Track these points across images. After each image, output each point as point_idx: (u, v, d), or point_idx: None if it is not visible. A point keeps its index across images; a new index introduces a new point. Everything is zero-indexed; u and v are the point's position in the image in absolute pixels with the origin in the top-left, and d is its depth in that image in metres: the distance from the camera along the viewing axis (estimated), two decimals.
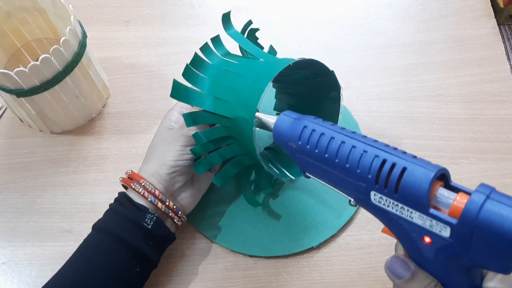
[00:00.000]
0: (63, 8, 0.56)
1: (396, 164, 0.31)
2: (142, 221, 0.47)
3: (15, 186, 0.59)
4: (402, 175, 0.31)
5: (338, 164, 0.34)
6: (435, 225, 0.31)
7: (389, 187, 0.32)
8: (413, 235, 0.32)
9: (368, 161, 0.33)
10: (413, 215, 0.31)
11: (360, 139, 0.34)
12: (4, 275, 0.54)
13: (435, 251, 0.32)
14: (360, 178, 0.33)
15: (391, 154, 0.32)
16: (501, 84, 0.65)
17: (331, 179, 0.36)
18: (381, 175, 0.32)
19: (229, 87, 0.47)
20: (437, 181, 0.31)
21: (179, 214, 0.50)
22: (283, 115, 0.40)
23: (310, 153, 0.36)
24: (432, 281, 0.33)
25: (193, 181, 0.52)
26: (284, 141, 0.39)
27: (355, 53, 0.68)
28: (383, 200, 0.33)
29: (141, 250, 0.46)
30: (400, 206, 0.32)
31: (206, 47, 0.51)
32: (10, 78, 0.51)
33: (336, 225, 0.55)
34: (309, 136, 0.36)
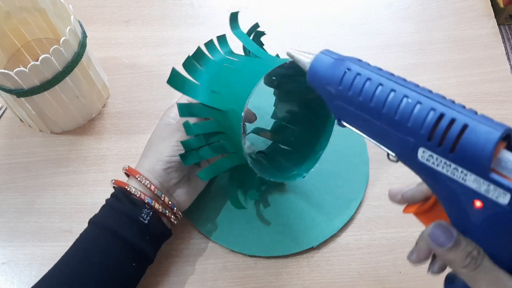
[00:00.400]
0: (63, 8, 0.56)
1: (455, 120, 0.28)
2: (138, 216, 0.47)
3: (15, 186, 0.59)
4: (462, 133, 0.28)
5: (385, 115, 0.30)
6: (493, 190, 0.28)
7: (444, 145, 0.28)
8: (461, 198, 0.29)
9: (422, 114, 0.29)
10: (467, 177, 0.28)
11: (413, 88, 0.30)
12: (4, 275, 0.54)
13: (484, 217, 0.29)
14: (410, 133, 0.30)
15: (450, 108, 0.29)
16: (501, 84, 0.65)
17: (372, 131, 0.32)
18: (436, 131, 0.28)
19: (225, 82, 0.48)
20: (501, 142, 0.28)
21: (175, 210, 0.50)
22: (322, 54, 0.34)
23: (352, 100, 0.32)
24: (474, 248, 0.31)
25: (190, 179, 0.52)
26: (321, 84, 0.34)
27: (355, 53, 0.68)
28: (433, 158, 0.29)
29: (138, 245, 0.46)
30: (453, 166, 0.28)
31: (211, 44, 0.52)
32: (10, 78, 0.51)
33: (336, 225, 0.55)
34: (353, 81, 0.32)
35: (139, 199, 0.47)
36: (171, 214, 0.49)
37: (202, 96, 0.48)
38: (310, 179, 0.57)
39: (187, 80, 0.48)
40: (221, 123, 0.47)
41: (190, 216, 0.56)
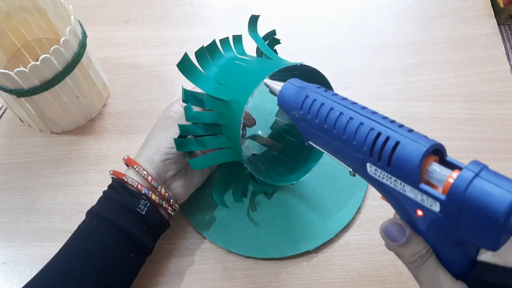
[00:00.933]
0: (63, 8, 0.56)
1: (390, 137, 0.32)
2: (136, 207, 0.47)
3: (15, 186, 0.59)
4: (395, 148, 0.31)
5: (336, 134, 0.35)
6: (426, 199, 0.31)
7: (382, 160, 0.32)
8: (406, 207, 0.33)
9: (363, 133, 0.33)
10: (405, 188, 0.32)
11: (358, 110, 0.34)
12: (4, 275, 0.54)
13: (427, 224, 0.32)
14: (356, 150, 0.34)
15: (386, 127, 0.32)
16: (501, 84, 0.65)
17: (331, 149, 0.37)
18: (375, 147, 0.32)
19: (233, 76, 0.48)
20: (430, 156, 0.31)
21: (171, 202, 0.50)
22: (288, 83, 0.39)
23: (311, 122, 0.37)
24: (424, 248, 0.34)
25: (187, 172, 0.52)
26: (288, 109, 0.39)
27: (355, 53, 0.68)
28: (378, 172, 0.33)
29: (136, 236, 0.47)
30: (394, 179, 0.32)
31: (226, 41, 0.52)
32: (10, 78, 0.51)
33: (334, 229, 0.55)
34: (310, 106, 0.36)
35: (136, 189, 0.47)
36: (167, 205, 0.50)
37: (208, 86, 0.48)
38: (310, 182, 0.57)
39: (197, 68, 0.49)
40: (221, 115, 0.47)
41: (188, 215, 0.56)
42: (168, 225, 0.51)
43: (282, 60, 0.50)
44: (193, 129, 0.48)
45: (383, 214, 0.56)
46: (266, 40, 0.53)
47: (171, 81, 0.66)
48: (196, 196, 0.55)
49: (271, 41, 0.54)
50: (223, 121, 0.48)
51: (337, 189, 0.57)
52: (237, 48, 0.53)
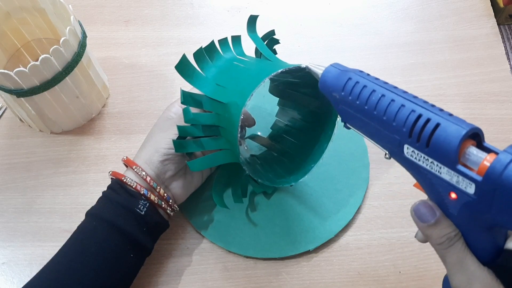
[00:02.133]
0: (63, 8, 0.56)
1: (430, 119, 0.33)
2: (135, 207, 0.47)
3: (15, 186, 0.59)
4: (435, 130, 0.32)
5: (376, 116, 0.36)
6: (461, 181, 0.31)
7: (421, 141, 0.33)
8: (440, 190, 0.34)
9: (404, 115, 0.34)
10: (441, 170, 0.32)
11: (400, 94, 0.35)
12: (4, 275, 0.54)
13: (459, 207, 0.33)
14: (395, 131, 0.35)
15: (427, 110, 0.33)
16: (501, 84, 0.65)
17: (369, 131, 0.38)
18: (414, 129, 0.33)
19: (232, 77, 0.48)
20: (468, 140, 0.32)
21: (170, 202, 0.50)
22: (330, 66, 0.40)
23: (352, 104, 0.37)
24: (453, 231, 0.34)
25: (186, 173, 0.52)
26: (329, 91, 0.40)
27: (355, 53, 0.68)
28: (415, 154, 0.34)
29: (135, 236, 0.47)
30: (430, 160, 0.33)
31: (224, 41, 0.52)
32: (10, 78, 0.51)
33: (333, 229, 0.55)
34: (352, 88, 0.37)
35: (135, 190, 0.47)
36: (166, 205, 0.50)
37: (206, 88, 0.48)
38: (309, 182, 0.57)
39: (196, 70, 0.49)
40: (220, 116, 0.47)
41: (188, 215, 0.56)
42: (167, 226, 0.51)
43: (280, 61, 0.50)
44: (191, 130, 0.48)
45: (383, 214, 0.56)
46: (265, 40, 0.53)
47: (171, 81, 0.66)
48: (196, 196, 0.55)
49: (270, 41, 0.54)
50: (222, 122, 0.48)
51: (337, 189, 0.57)
52: (236, 49, 0.53)
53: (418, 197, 0.57)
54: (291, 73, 0.48)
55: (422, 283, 0.52)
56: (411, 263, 0.53)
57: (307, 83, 0.53)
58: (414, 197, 0.59)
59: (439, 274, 0.52)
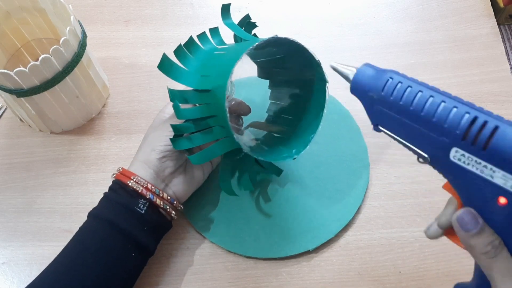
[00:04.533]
0: (63, 8, 0.56)
1: (488, 122, 0.31)
2: (135, 207, 0.47)
3: (15, 186, 0.59)
4: (494, 133, 0.31)
5: (422, 117, 0.34)
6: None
7: (477, 144, 0.32)
8: (487, 195, 0.33)
9: (458, 117, 0.32)
10: (494, 174, 0.32)
11: (448, 95, 0.34)
12: (4, 275, 0.54)
13: (507, 213, 0.32)
14: (445, 133, 0.33)
15: (481, 112, 0.32)
16: (501, 84, 0.64)
17: (408, 133, 0.36)
18: (470, 131, 0.32)
19: (214, 65, 0.49)
20: None
21: (174, 204, 0.50)
22: (365, 66, 0.39)
23: (393, 105, 0.36)
24: (496, 239, 0.33)
25: (186, 169, 0.52)
26: (364, 91, 0.38)
27: (355, 53, 0.68)
28: (464, 157, 0.33)
29: (135, 235, 0.47)
30: (483, 164, 0.32)
31: (203, 35, 0.53)
32: (10, 78, 0.51)
33: (333, 229, 0.55)
34: (394, 88, 0.36)
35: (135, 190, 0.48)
36: (171, 209, 0.50)
37: (191, 81, 0.48)
38: (310, 182, 0.57)
39: (177, 66, 0.49)
40: (209, 105, 0.48)
41: (188, 215, 0.56)
42: (170, 226, 0.51)
43: (257, 38, 0.50)
44: (186, 126, 0.48)
45: (383, 214, 0.56)
46: (242, 25, 0.53)
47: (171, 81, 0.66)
48: (196, 196, 0.55)
49: (247, 26, 0.54)
50: (212, 111, 0.48)
51: (337, 189, 0.57)
52: (215, 40, 0.53)
53: (418, 197, 0.57)
54: (271, 49, 0.48)
55: (422, 283, 0.52)
56: (411, 263, 0.53)
57: (291, 55, 0.53)
58: (414, 197, 0.59)
59: (439, 274, 0.52)
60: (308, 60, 0.50)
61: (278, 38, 0.47)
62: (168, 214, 0.50)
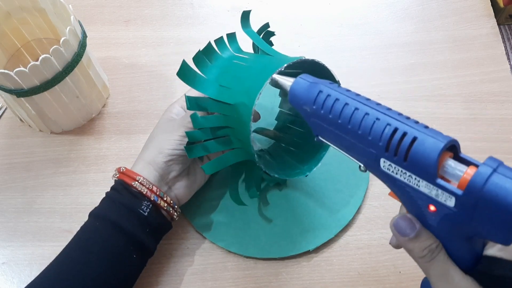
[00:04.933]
0: (63, 8, 0.56)
1: (407, 133, 0.32)
2: (138, 208, 0.47)
3: (15, 186, 0.59)
4: (413, 144, 0.32)
5: (350, 130, 0.35)
6: (441, 194, 0.31)
7: (398, 155, 0.32)
8: (419, 202, 0.33)
9: (379, 129, 0.33)
10: (420, 183, 0.32)
11: (374, 106, 0.34)
12: (4, 275, 0.54)
13: (439, 219, 0.33)
14: (371, 145, 0.34)
15: (403, 123, 0.33)
16: (501, 84, 0.65)
17: (343, 144, 0.37)
18: (391, 143, 0.33)
19: (235, 77, 0.48)
20: (446, 152, 0.32)
21: (175, 207, 0.50)
22: (299, 78, 0.39)
23: (324, 117, 0.37)
24: (434, 242, 0.34)
25: (189, 173, 0.52)
26: (299, 104, 0.39)
27: (355, 53, 0.68)
28: (391, 167, 0.33)
29: (137, 236, 0.47)
30: (408, 174, 0.32)
31: (221, 41, 0.52)
32: (10, 78, 0.51)
33: (333, 229, 0.55)
34: (324, 101, 0.36)
35: (139, 192, 0.47)
36: (173, 212, 0.50)
37: (210, 90, 0.48)
38: (309, 181, 0.57)
39: (197, 74, 0.48)
40: (228, 117, 0.47)
41: (189, 215, 0.56)
42: (170, 227, 0.51)
43: (280, 55, 0.50)
44: (200, 135, 0.48)
45: (383, 214, 0.56)
46: (260, 34, 0.53)
47: (171, 81, 0.66)
48: (196, 197, 0.55)
49: (265, 34, 0.54)
50: (230, 123, 0.48)
51: (337, 189, 0.57)
52: (232, 47, 0.53)
53: None
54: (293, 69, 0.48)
55: None
56: (411, 263, 0.53)
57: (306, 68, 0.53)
58: None
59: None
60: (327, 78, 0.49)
61: (305, 60, 0.46)
62: (170, 215, 0.50)
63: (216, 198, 0.57)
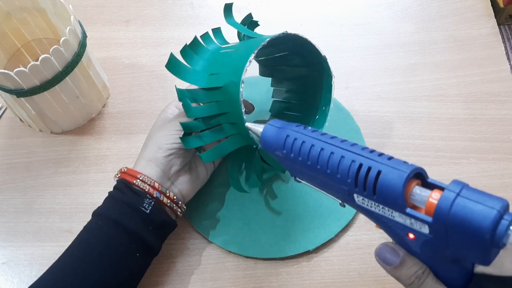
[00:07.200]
0: (63, 8, 0.56)
1: (371, 167, 0.33)
2: (140, 206, 0.47)
3: (15, 186, 0.59)
4: (378, 177, 0.32)
5: (320, 169, 0.36)
6: (415, 223, 0.32)
7: (367, 190, 0.33)
8: (398, 231, 0.34)
9: (346, 166, 0.34)
10: (394, 214, 0.33)
11: (338, 144, 0.35)
12: (4, 275, 0.54)
13: (420, 245, 0.33)
14: (341, 182, 0.35)
15: (367, 158, 0.33)
16: (501, 84, 0.65)
17: (318, 183, 0.38)
18: (359, 178, 0.33)
19: (223, 63, 0.49)
20: (412, 180, 0.32)
21: (179, 204, 0.50)
22: (268, 125, 0.41)
23: (295, 160, 0.38)
24: (420, 268, 0.34)
25: (191, 168, 0.53)
26: (271, 150, 0.40)
27: (355, 53, 0.68)
28: (365, 201, 0.34)
29: (140, 234, 0.47)
30: (381, 206, 0.33)
31: (206, 36, 0.53)
32: (10, 78, 0.51)
33: (333, 229, 0.55)
34: (292, 145, 0.38)
35: (141, 189, 0.48)
36: (177, 208, 0.50)
37: (200, 80, 0.49)
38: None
39: (185, 66, 0.49)
40: (220, 103, 0.48)
41: (189, 215, 0.56)
42: (175, 225, 0.51)
43: (264, 35, 0.50)
44: (195, 124, 0.49)
45: None
46: (244, 24, 0.54)
47: (171, 81, 0.66)
48: (196, 197, 0.55)
49: (250, 25, 0.55)
50: (223, 108, 0.48)
51: None
52: (218, 40, 0.54)
53: None
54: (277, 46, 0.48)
55: None
56: None
57: (294, 52, 0.53)
58: None
59: None
60: (313, 56, 0.50)
61: (288, 34, 0.47)
62: (174, 212, 0.50)
63: (216, 198, 0.57)
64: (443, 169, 0.58)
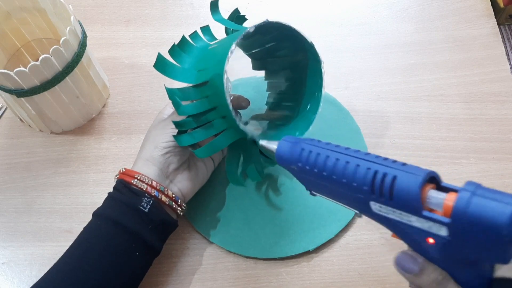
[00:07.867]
0: (63, 8, 0.56)
1: (387, 173, 0.33)
2: (138, 205, 0.47)
3: (15, 186, 0.59)
4: (394, 183, 0.33)
5: (336, 180, 0.37)
6: (433, 226, 0.32)
7: (384, 195, 0.34)
8: (416, 237, 0.34)
9: (361, 174, 0.35)
10: (411, 219, 0.33)
11: (352, 154, 0.36)
12: (4, 275, 0.54)
13: (439, 250, 0.33)
14: (357, 191, 0.35)
15: (381, 165, 0.34)
16: (501, 84, 0.65)
17: (334, 195, 0.39)
18: (375, 185, 0.34)
19: (209, 58, 0.49)
20: (427, 184, 0.33)
21: (179, 202, 0.50)
22: (282, 141, 0.42)
23: (311, 172, 0.39)
24: (440, 274, 0.34)
25: (190, 166, 0.53)
26: (287, 164, 0.41)
27: (355, 53, 0.68)
28: (382, 208, 0.34)
29: (139, 234, 0.47)
30: (398, 212, 0.34)
31: (195, 34, 0.54)
32: (10, 78, 0.51)
33: (333, 229, 0.55)
34: (307, 157, 0.39)
35: (139, 189, 0.48)
36: (176, 206, 0.50)
37: (189, 77, 0.49)
38: None
39: (173, 64, 0.50)
40: (210, 98, 0.48)
41: (189, 215, 0.56)
42: (176, 225, 0.51)
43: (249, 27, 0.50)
44: (187, 122, 0.49)
45: None
46: (232, 19, 0.54)
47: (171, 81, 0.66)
48: (196, 197, 0.55)
49: (237, 20, 0.55)
50: (212, 103, 0.48)
51: None
52: (207, 37, 0.54)
53: None
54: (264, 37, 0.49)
55: None
56: None
57: (282, 41, 0.54)
58: None
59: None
60: (301, 43, 0.50)
61: (269, 22, 0.47)
62: (174, 211, 0.50)
63: (216, 198, 0.57)
64: (443, 169, 0.58)
